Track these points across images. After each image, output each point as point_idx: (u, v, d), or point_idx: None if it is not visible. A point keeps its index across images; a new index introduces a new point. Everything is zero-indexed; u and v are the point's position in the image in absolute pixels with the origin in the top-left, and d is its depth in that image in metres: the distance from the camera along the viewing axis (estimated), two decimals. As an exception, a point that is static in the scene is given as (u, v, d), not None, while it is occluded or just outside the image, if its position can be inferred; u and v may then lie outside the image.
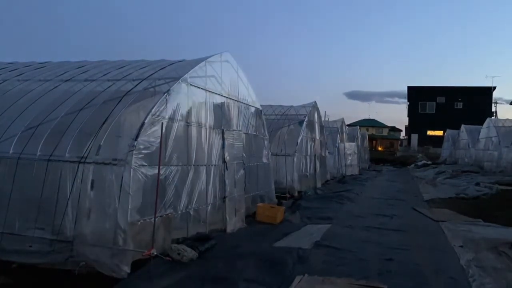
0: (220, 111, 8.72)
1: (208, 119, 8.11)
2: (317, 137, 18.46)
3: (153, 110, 6.18)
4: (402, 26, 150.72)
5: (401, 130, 74.38)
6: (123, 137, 5.97)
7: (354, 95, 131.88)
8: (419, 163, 35.51)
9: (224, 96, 8.94)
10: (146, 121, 5.98)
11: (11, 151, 6.34)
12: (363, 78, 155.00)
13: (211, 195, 8.11)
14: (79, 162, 5.81)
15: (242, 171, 9.48)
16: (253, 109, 10.77)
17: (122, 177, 5.55)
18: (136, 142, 5.75)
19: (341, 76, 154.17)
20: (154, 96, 6.66)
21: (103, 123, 6.14)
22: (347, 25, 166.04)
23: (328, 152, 21.08)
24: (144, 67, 8.10)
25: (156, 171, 6.02)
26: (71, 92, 7.39)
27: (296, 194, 14.26)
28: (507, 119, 28.05)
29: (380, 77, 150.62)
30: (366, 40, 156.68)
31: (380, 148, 62.80)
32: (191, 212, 7.37)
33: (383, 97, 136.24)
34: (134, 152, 5.69)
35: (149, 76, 7.43)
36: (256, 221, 9.50)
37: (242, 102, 9.91)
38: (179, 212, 6.99)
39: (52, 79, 8.18)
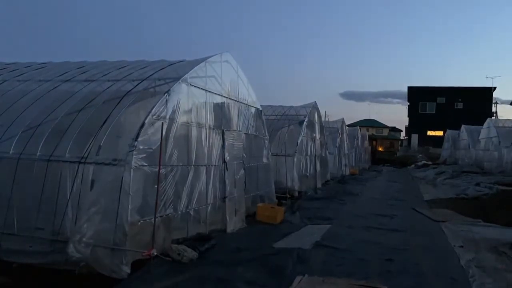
0: (220, 111, 8.71)
1: (208, 119, 8.10)
2: (317, 137, 18.44)
3: (153, 111, 6.18)
4: (398, 25, 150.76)
5: (401, 131, 74.31)
6: (123, 137, 5.98)
7: (349, 95, 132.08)
8: (419, 163, 35.51)
9: (224, 96, 8.94)
10: (146, 122, 5.98)
11: (11, 151, 6.33)
12: (356, 78, 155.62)
13: (211, 195, 8.11)
14: (79, 162, 5.81)
15: (242, 171, 9.48)
16: (253, 109, 10.76)
17: (122, 177, 5.54)
18: (136, 142, 5.74)
19: (335, 76, 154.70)
20: (154, 97, 6.66)
21: (103, 123, 6.15)
22: (343, 25, 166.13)
23: (328, 152, 21.07)
24: (144, 67, 8.10)
25: (156, 171, 6.02)
26: (71, 93, 7.38)
27: (296, 194, 14.24)
28: (507, 119, 28.07)
29: (373, 77, 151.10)
30: (361, 40, 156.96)
31: (380, 148, 62.70)
32: (191, 212, 7.36)
33: (378, 97, 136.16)
34: (134, 152, 5.68)
35: (149, 76, 7.43)
36: (256, 221, 9.50)
37: (242, 102, 9.90)
38: (179, 212, 6.98)
39: (52, 79, 8.18)
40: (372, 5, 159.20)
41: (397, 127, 76.24)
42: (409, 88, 57.05)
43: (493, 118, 38.40)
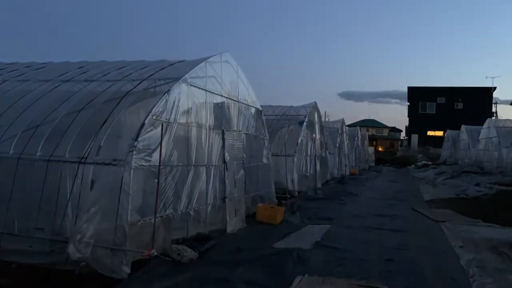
0: (220, 111, 8.71)
1: (208, 119, 8.10)
2: (317, 137, 18.44)
3: (153, 111, 6.18)
4: (395, 25, 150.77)
5: (401, 131, 74.36)
6: (123, 137, 5.97)
7: (347, 95, 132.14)
8: (419, 164, 35.51)
9: (224, 97, 8.94)
10: (146, 122, 5.98)
11: (11, 151, 6.33)
12: (354, 79, 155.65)
13: (211, 195, 8.11)
14: (79, 162, 5.81)
15: (242, 172, 9.48)
16: (253, 110, 10.76)
17: (122, 178, 5.54)
18: (136, 142, 5.74)
19: (334, 77, 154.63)
20: (154, 97, 6.66)
21: (103, 123, 6.14)
22: (340, 25, 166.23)
23: (328, 153, 21.07)
24: (144, 68, 8.10)
25: (156, 171, 6.02)
26: (71, 93, 7.39)
27: (296, 194, 14.24)
28: (507, 119, 28.05)
29: (371, 77, 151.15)
30: (358, 40, 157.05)
31: (380, 149, 62.73)
32: (191, 213, 7.36)
33: (376, 97, 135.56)
34: (134, 152, 5.69)
35: (149, 76, 7.43)
36: (256, 222, 9.49)
37: (242, 103, 9.90)
38: (179, 212, 6.98)
39: (52, 79, 8.17)
40: (369, 5, 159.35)
41: (397, 127, 76.34)
42: (409, 88, 57.05)
43: (493, 118, 38.38)
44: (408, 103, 57.13)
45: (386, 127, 74.92)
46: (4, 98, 7.75)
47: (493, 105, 52.35)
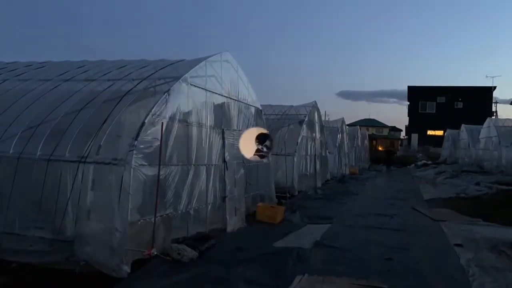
0: (220, 110, 8.71)
1: (208, 118, 8.10)
2: (317, 136, 18.45)
3: (153, 110, 6.17)
4: (393, 24, 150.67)
5: (401, 130, 74.33)
6: (123, 137, 5.97)
7: (345, 95, 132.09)
8: (419, 163, 35.50)
9: (224, 96, 8.94)
10: (146, 121, 5.97)
11: (11, 151, 6.33)
12: (352, 78, 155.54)
13: (211, 194, 8.11)
14: (79, 162, 5.80)
15: (242, 171, 9.48)
16: (253, 109, 10.76)
17: (122, 177, 5.54)
18: (136, 141, 5.74)
19: (331, 76, 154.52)
20: (154, 96, 6.65)
21: (103, 122, 6.14)
22: (338, 25, 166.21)
23: (328, 152, 21.07)
24: (144, 67, 8.09)
25: (156, 170, 6.02)
26: (71, 92, 7.38)
27: (296, 193, 14.25)
28: (507, 118, 28.06)
29: (369, 76, 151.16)
30: (356, 40, 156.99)
31: (380, 148, 62.68)
32: (191, 212, 7.37)
33: (374, 96, 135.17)
34: (134, 151, 5.68)
35: (149, 75, 7.42)
36: (256, 221, 9.49)
37: (242, 102, 9.90)
38: (179, 211, 6.99)
39: (52, 78, 8.17)
40: (367, 4, 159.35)
41: (397, 126, 76.31)
42: (409, 87, 57.02)
43: (493, 117, 38.36)
44: (408, 103, 57.12)
45: (386, 126, 74.90)
46: (4, 97, 7.74)
47: (493, 104, 52.34)
